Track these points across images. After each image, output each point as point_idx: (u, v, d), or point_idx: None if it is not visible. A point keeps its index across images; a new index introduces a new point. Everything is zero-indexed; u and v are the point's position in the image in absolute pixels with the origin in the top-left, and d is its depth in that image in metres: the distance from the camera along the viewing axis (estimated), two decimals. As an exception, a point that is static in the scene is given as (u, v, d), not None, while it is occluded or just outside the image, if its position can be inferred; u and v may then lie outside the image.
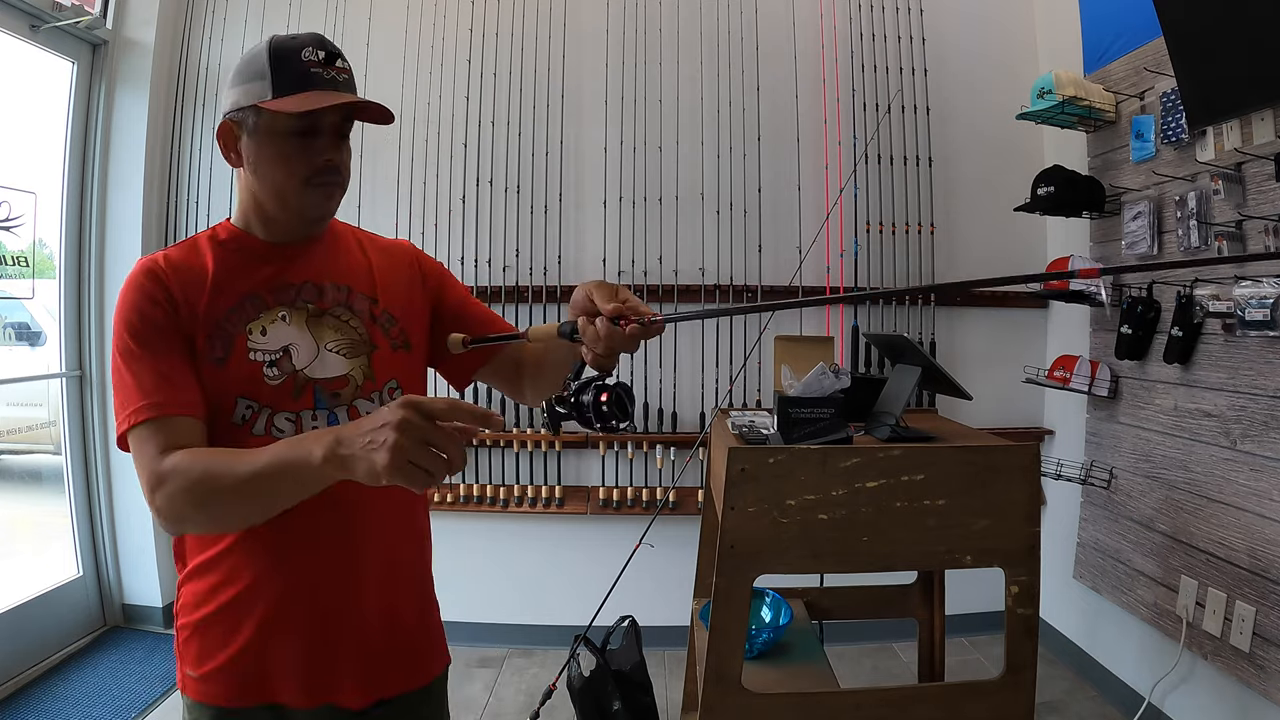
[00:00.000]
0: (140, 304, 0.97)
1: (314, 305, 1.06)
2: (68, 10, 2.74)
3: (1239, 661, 2.04)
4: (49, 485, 3.12)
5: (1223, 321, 2.07)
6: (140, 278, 1.00)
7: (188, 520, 0.91)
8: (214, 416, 0.99)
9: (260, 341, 1.02)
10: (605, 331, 0.84)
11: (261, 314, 1.03)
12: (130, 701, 2.51)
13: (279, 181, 1.01)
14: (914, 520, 1.53)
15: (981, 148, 3.07)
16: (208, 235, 1.08)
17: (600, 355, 0.86)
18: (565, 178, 3.05)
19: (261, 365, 1.01)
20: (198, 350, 0.99)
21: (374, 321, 1.11)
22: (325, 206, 1.05)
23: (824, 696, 1.65)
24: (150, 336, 0.96)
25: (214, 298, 1.01)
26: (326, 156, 1.01)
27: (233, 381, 0.99)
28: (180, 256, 1.04)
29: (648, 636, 2.05)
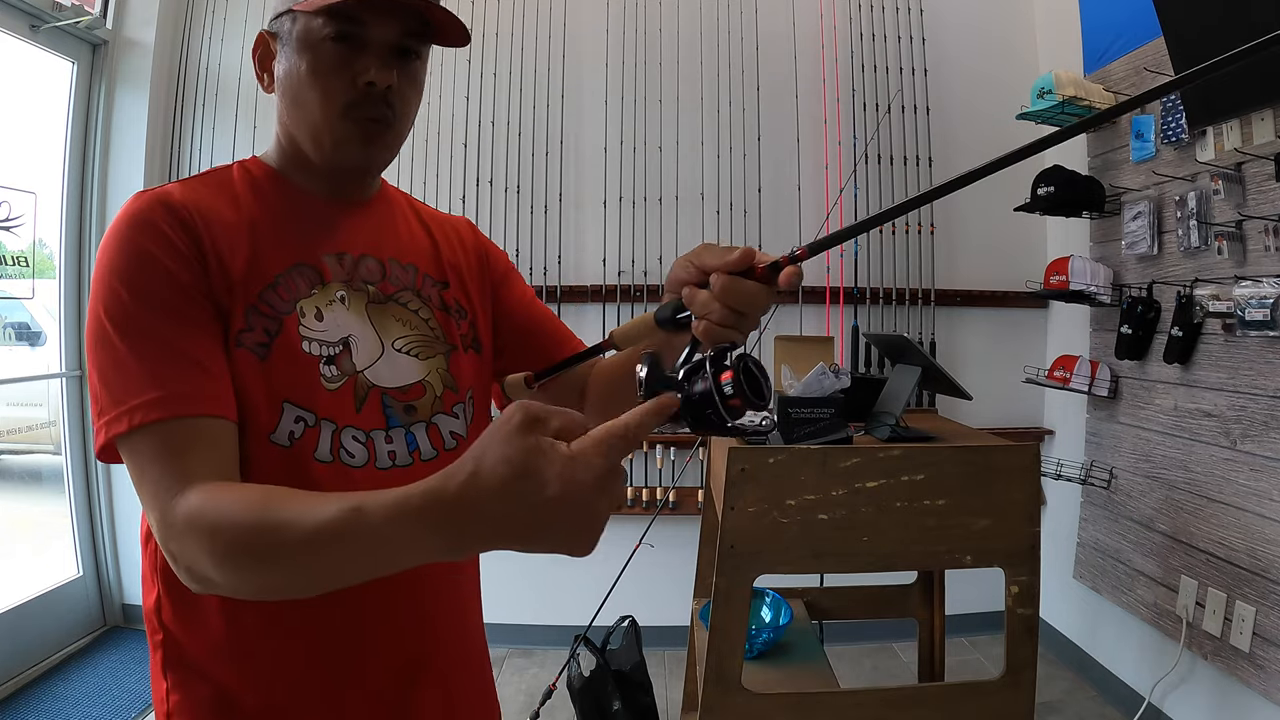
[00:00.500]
0: (152, 251, 0.68)
1: (376, 287, 0.81)
2: (68, 10, 2.74)
3: (1239, 661, 2.04)
4: (49, 485, 3.12)
5: (1223, 321, 2.07)
6: (150, 213, 0.70)
7: (221, 588, 0.60)
8: (245, 430, 0.70)
9: (315, 328, 0.75)
10: (721, 288, 0.60)
11: (315, 290, 0.76)
12: (130, 701, 2.50)
13: (309, 109, 0.75)
14: (914, 520, 1.53)
15: (981, 148, 3.06)
16: (238, 170, 0.81)
17: (717, 322, 0.60)
18: (565, 178, 3.05)
19: (318, 361, 0.74)
20: (228, 327, 0.71)
21: (446, 312, 0.86)
22: (361, 152, 0.77)
23: (824, 696, 1.65)
24: (166, 296, 0.67)
25: (253, 257, 0.74)
26: (368, 77, 0.73)
27: (280, 382, 0.72)
28: (204, 193, 0.75)
29: (648, 636, 2.05)
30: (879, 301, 3.02)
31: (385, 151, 0.79)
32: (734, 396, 0.56)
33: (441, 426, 0.82)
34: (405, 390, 0.79)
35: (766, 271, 0.60)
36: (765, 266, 0.60)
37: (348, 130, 0.75)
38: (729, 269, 0.60)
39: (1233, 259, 2.05)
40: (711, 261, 0.61)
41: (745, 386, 0.57)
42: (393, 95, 0.75)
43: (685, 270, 0.64)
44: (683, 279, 0.64)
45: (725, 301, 0.60)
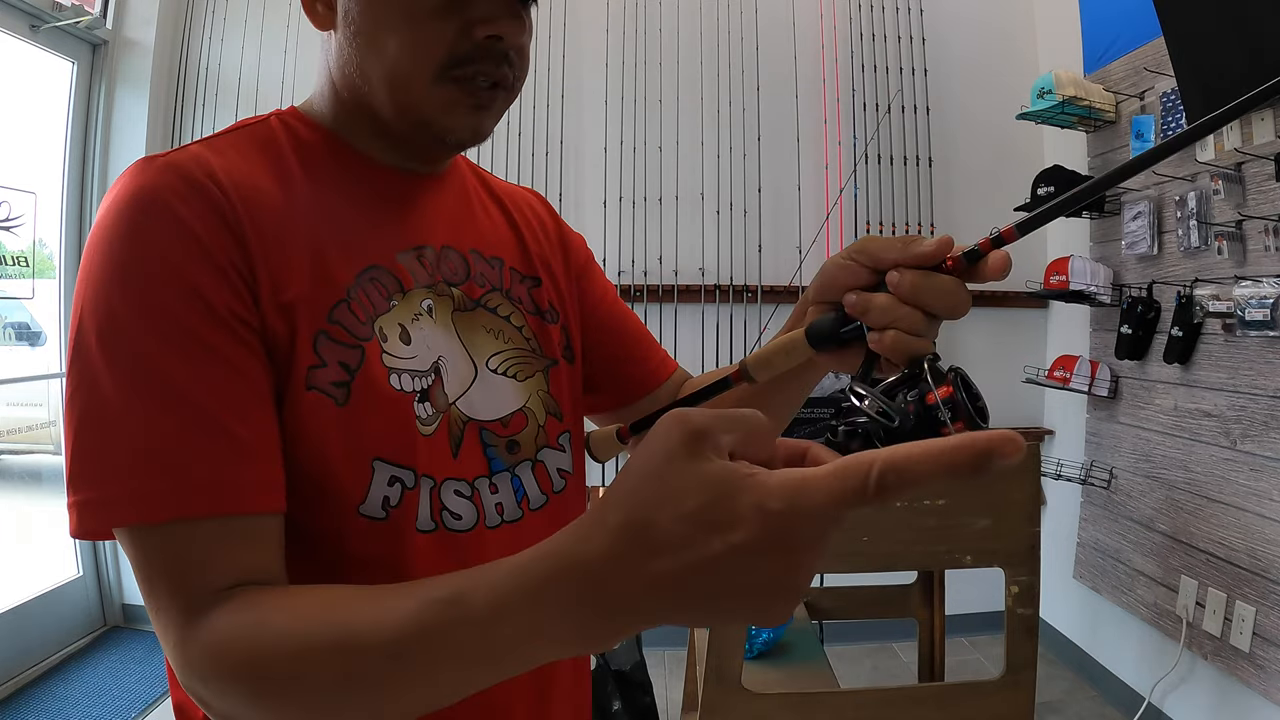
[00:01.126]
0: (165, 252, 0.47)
1: (460, 290, 0.62)
2: (68, 10, 2.74)
3: (1239, 661, 2.04)
4: (49, 485, 3.12)
5: (1223, 321, 2.07)
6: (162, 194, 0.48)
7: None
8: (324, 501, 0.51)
9: (403, 355, 0.55)
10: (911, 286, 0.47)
11: (394, 302, 0.56)
12: (130, 701, 2.50)
13: (399, 61, 0.54)
14: (914, 520, 1.53)
15: (981, 148, 3.07)
16: (278, 122, 0.59)
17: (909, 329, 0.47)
18: (565, 178, 3.05)
19: (412, 399, 0.55)
20: (290, 364, 0.51)
21: (540, 317, 0.68)
22: (468, 123, 0.57)
23: (824, 696, 1.64)
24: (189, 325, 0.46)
25: (317, 259, 0.53)
26: (492, 29, 0.54)
27: (367, 433, 0.53)
28: (240, 162, 0.54)
29: (648, 636, 2.05)
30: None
31: (494, 124, 0.60)
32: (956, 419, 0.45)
33: (549, 463, 0.64)
34: (506, 422, 0.61)
35: (960, 261, 0.47)
36: (958, 256, 0.47)
37: (453, 94, 0.55)
38: (920, 262, 0.47)
39: (1233, 259, 2.05)
40: (889, 255, 0.48)
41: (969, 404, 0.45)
42: (516, 53, 0.57)
43: (846, 270, 0.50)
44: (846, 282, 0.50)
45: (919, 302, 0.47)
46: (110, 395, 0.45)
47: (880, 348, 0.48)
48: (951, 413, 0.45)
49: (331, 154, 0.59)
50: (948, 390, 0.45)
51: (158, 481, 0.44)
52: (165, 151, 0.53)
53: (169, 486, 0.44)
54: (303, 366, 0.51)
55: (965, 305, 0.48)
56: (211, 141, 0.56)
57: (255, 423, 0.48)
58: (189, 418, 0.46)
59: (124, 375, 0.45)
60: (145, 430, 0.45)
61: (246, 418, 0.48)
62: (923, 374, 0.46)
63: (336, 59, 0.58)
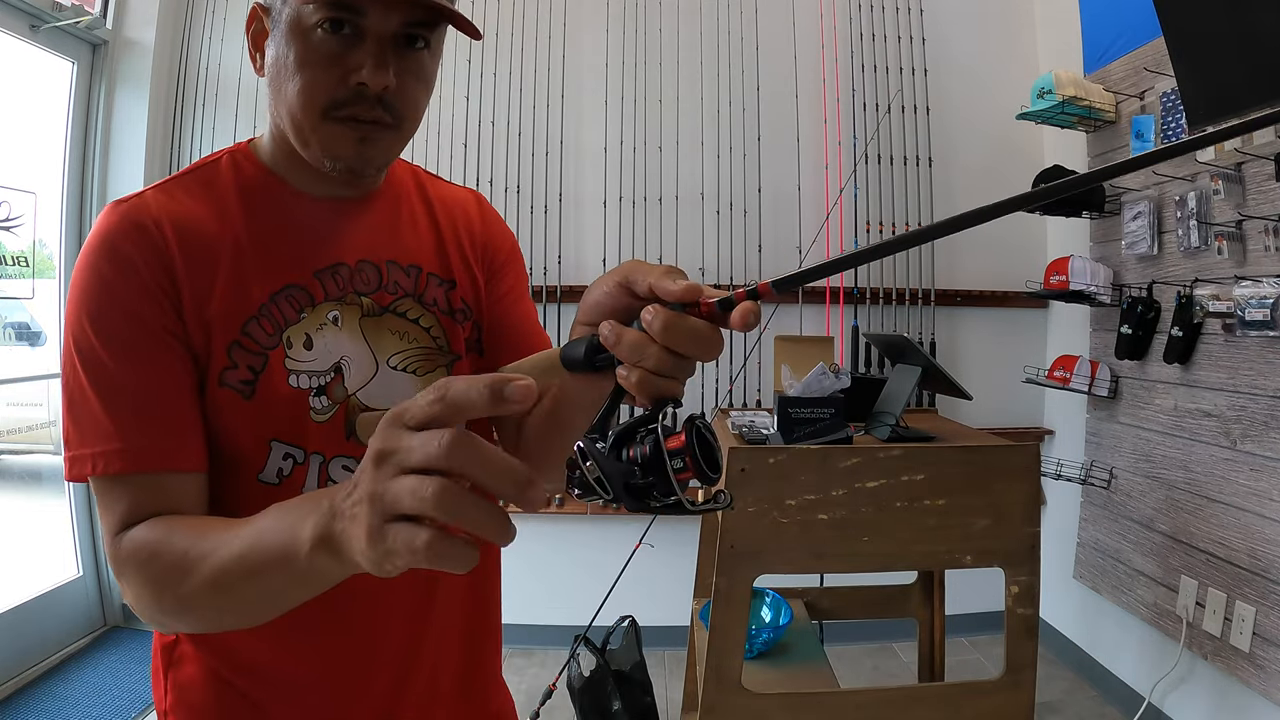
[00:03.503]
0: (114, 286, 0.64)
1: (370, 298, 0.74)
2: (68, 10, 2.74)
3: (1239, 661, 2.04)
4: (49, 485, 3.12)
5: (1223, 321, 2.07)
6: (116, 237, 0.65)
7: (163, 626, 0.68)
8: (232, 467, 0.68)
9: (304, 359, 0.70)
10: (663, 325, 0.45)
11: (304, 314, 0.70)
12: (130, 701, 2.50)
13: (293, 104, 0.67)
14: (914, 520, 1.53)
15: (981, 148, 3.07)
16: (228, 164, 0.75)
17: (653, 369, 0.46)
18: (565, 178, 3.05)
19: (307, 395, 0.70)
20: (208, 366, 0.67)
21: (452, 316, 0.79)
22: (353, 152, 0.68)
23: (824, 696, 1.65)
24: (130, 339, 0.64)
25: (235, 281, 0.68)
26: (359, 78, 0.65)
27: (266, 420, 0.68)
28: (185, 201, 0.69)
29: (648, 636, 2.05)
30: (879, 301, 3.02)
31: (384, 154, 0.71)
32: (684, 469, 0.45)
33: None
34: None
35: (715, 307, 0.46)
36: (713, 301, 0.46)
37: (336, 131, 0.67)
38: (670, 299, 0.46)
39: (1233, 259, 2.05)
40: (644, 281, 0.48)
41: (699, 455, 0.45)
42: (391, 95, 0.67)
43: (607, 294, 0.51)
44: (605, 306, 0.51)
45: (667, 342, 0.45)
46: (84, 385, 0.64)
47: (627, 384, 0.47)
48: (682, 465, 0.45)
49: (265, 189, 0.73)
50: (679, 440, 0.45)
51: (113, 445, 0.63)
52: (127, 196, 0.68)
53: (119, 450, 0.63)
54: (217, 368, 0.67)
55: (715, 350, 0.47)
56: (165, 185, 0.71)
57: (179, 408, 0.65)
58: (131, 405, 0.64)
59: (90, 373, 0.64)
60: (103, 410, 0.63)
61: (172, 404, 0.65)
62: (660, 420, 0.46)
63: (268, 102, 0.72)
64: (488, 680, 0.87)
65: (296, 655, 0.73)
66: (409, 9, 0.66)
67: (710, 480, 0.47)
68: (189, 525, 0.61)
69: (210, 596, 0.56)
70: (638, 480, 0.46)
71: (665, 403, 0.47)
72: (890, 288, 3.01)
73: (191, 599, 0.57)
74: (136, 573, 0.60)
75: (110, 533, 0.63)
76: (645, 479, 0.46)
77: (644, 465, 0.46)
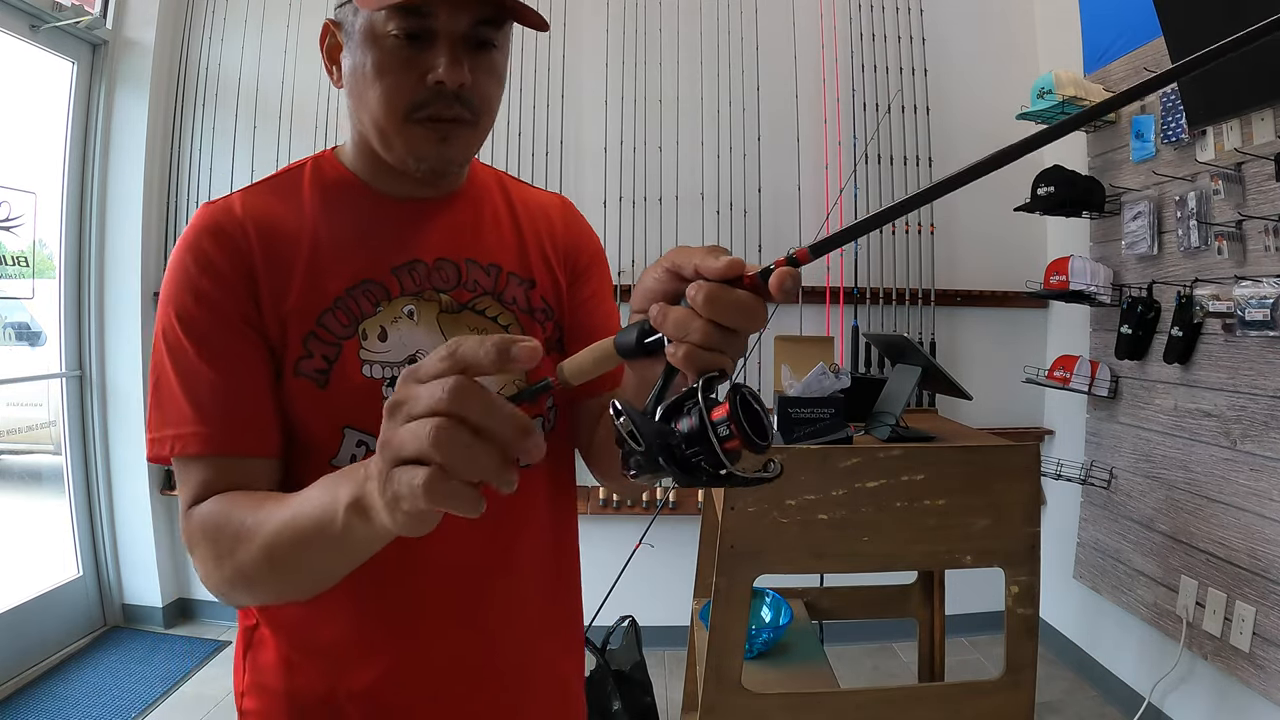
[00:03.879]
0: (198, 281, 0.68)
1: (449, 295, 0.77)
2: (68, 10, 2.74)
3: (1239, 661, 2.04)
4: (49, 485, 3.12)
5: (1222, 321, 2.08)
6: (202, 237, 0.70)
7: (230, 597, 0.67)
8: (306, 452, 0.71)
9: (378, 350, 0.72)
10: (705, 299, 0.46)
11: (380, 307, 0.73)
12: (130, 701, 2.51)
13: (375, 109, 0.70)
14: (914, 520, 1.53)
15: (981, 148, 2.99)
16: (311, 169, 0.78)
17: (700, 343, 0.46)
18: (565, 177, 3.05)
19: (381, 384, 0.72)
20: (284, 356, 0.70)
21: (531, 315, 0.81)
22: (435, 153, 0.71)
23: (824, 696, 1.65)
24: (209, 332, 0.68)
25: (313, 277, 0.71)
26: (436, 76, 0.68)
27: (340, 408, 0.71)
28: (268, 203, 0.74)
29: (648, 636, 2.05)
30: (879, 301, 3.01)
31: (464, 151, 0.74)
32: (731, 437, 0.44)
33: None
34: None
35: (757, 279, 0.47)
36: (756, 273, 0.47)
37: (418, 132, 0.70)
38: (715, 277, 0.47)
39: (1233, 259, 2.05)
40: (688, 262, 0.49)
41: (745, 424, 0.45)
42: (467, 92, 0.70)
43: (657, 280, 0.51)
44: (655, 291, 0.51)
45: (711, 315, 0.46)
46: (169, 371, 0.69)
47: (674, 360, 0.48)
48: (728, 432, 0.45)
49: (345, 194, 0.77)
50: (724, 410, 0.45)
51: (190, 429, 0.67)
52: (216, 199, 0.74)
53: (196, 434, 0.67)
54: (293, 358, 0.70)
55: (760, 320, 0.47)
56: (252, 188, 0.76)
57: (250, 395, 0.69)
58: (210, 392, 0.67)
59: (174, 361, 0.69)
60: (184, 396, 0.68)
61: (249, 392, 0.69)
62: (703, 390, 0.46)
63: (350, 112, 0.75)
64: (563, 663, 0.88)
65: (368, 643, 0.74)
66: (478, 7, 0.68)
67: (759, 448, 0.46)
68: (249, 498, 0.64)
69: (263, 565, 0.59)
70: (682, 449, 0.46)
71: (712, 376, 0.47)
72: (890, 288, 3.01)
73: (247, 568, 0.60)
74: (201, 543, 0.64)
75: (183, 508, 0.68)
76: (693, 451, 0.45)
77: (690, 437, 0.45)
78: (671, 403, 0.47)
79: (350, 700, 0.74)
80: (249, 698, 0.77)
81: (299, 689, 0.75)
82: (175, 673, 2.70)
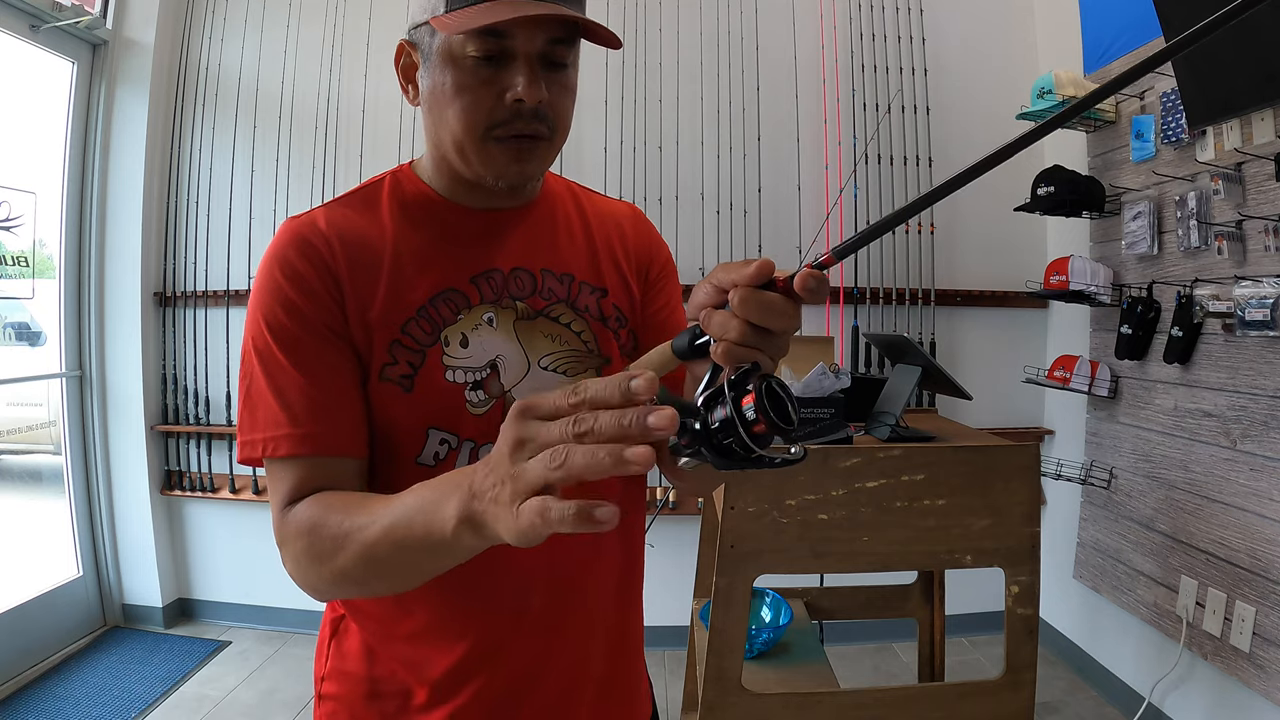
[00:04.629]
0: (286, 293, 0.72)
1: (525, 303, 0.80)
2: (68, 10, 2.74)
3: (1239, 661, 2.04)
4: (49, 485, 3.12)
5: (1223, 321, 2.07)
6: (288, 250, 0.73)
7: (324, 594, 0.71)
8: (392, 451, 0.75)
9: (460, 356, 0.76)
10: (739, 300, 0.52)
11: (461, 315, 0.77)
12: (130, 701, 2.51)
13: (455, 128, 0.73)
14: (914, 520, 1.53)
15: (981, 148, 3.00)
16: (389, 185, 0.81)
17: (736, 340, 0.53)
18: (565, 178, 3.04)
19: (463, 389, 0.76)
20: (370, 363, 0.74)
21: (603, 323, 0.84)
22: (514, 170, 0.74)
23: (824, 696, 1.65)
24: (300, 341, 0.72)
25: (395, 287, 0.75)
26: (515, 94, 0.70)
27: (425, 411, 0.75)
28: (350, 217, 0.77)
29: (648, 636, 2.04)
30: (879, 301, 3.02)
31: (540, 165, 0.77)
32: (757, 422, 0.49)
33: None
34: None
35: (787, 282, 0.52)
36: (786, 277, 0.53)
37: (498, 149, 0.73)
38: (747, 282, 0.53)
39: (1233, 259, 2.05)
40: (728, 276, 0.55)
41: (769, 409, 0.49)
42: (545, 108, 0.73)
43: (705, 294, 0.57)
44: (701, 301, 0.57)
45: (744, 315, 0.52)
46: (258, 377, 0.72)
47: (716, 356, 0.54)
48: (755, 417, 0.49)
49: (424, 208, 0.80)
50: (751, 398, 0.50)
51: (281, 431, 0.70)
52: (300, 214, 0.77)
53: (286, 435, 0.70)
54: (379, 364, 0.74)
55: (788, 318, 0.53)
56: (333, 203, 0.79)
57: (343, 400, 0.72)
58: (299, 396, 0.71)
59: (264, 366, 0.72)
60: (275, 401, 0.71)
61: (337, 395, 0.72)
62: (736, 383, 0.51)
63: (426, 128, 0.78)
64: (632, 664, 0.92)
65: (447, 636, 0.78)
66: (552, 27, 0.71)
67: (784, 432, 0.50)
68: (344, 501, 0.67)
69: (362, 568, 0.63)
70: (718, 436, 0.50)
71: (746, 370, 0.52)
72: (890, 288, 3.01)
73: (346, 570, 0.64)
74: (297, 544, 0.68)
75: (277, 508, 0.71)
76: (726, 437, 0.50)
77: (724, 424, 0.50)
78: (709, 394, 0.52)
79: (423, 686, 0.78)
80: (329, 682, 0.82)
81: (378, 675, 0.79)
82: (175, 673, 2.70)
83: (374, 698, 0.79)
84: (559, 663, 0.81)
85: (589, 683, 0.84)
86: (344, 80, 3.04)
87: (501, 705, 0.79)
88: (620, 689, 0.89)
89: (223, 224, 3.06)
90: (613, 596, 0.87)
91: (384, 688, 0.79)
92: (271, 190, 3.03)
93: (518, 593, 0.79)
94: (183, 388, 3.08)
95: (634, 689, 0.93)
